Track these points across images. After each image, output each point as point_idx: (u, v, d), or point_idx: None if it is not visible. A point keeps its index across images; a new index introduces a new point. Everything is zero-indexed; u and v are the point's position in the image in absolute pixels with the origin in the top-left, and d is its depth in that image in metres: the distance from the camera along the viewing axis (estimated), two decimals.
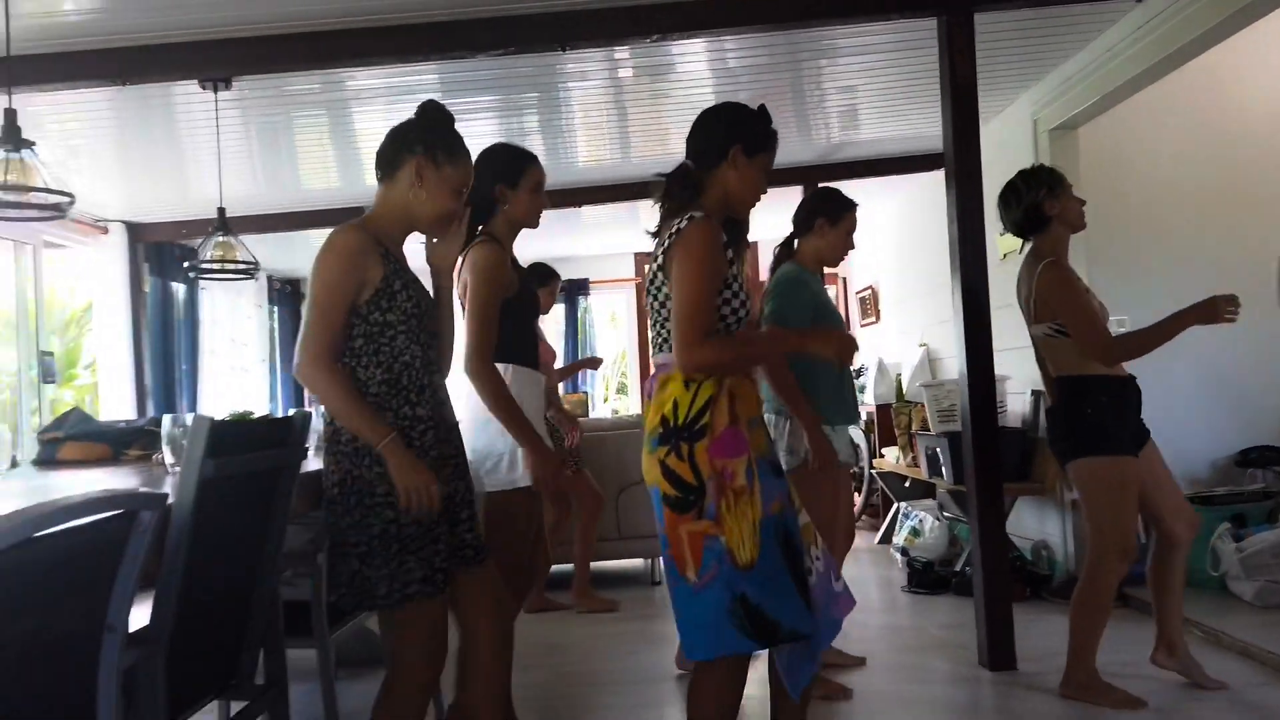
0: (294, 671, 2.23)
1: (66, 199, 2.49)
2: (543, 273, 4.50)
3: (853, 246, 3.22)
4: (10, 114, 2.47)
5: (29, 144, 2.45)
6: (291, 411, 2.72)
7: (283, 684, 2.13)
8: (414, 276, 2.01)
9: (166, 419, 2.52)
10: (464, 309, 2.59)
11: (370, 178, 2.04)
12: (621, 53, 3.80)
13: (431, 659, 1.97)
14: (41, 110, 3.94)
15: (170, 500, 1.64)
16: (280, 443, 2.01)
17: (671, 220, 2.02)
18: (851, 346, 2.07)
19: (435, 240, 2.15)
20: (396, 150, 1.98)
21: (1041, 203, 2.91)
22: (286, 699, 2.14)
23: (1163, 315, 2.87)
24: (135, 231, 6.04)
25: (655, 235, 2.11)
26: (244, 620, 2.01)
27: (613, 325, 10.48)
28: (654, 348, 2.07)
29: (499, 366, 2.55)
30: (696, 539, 1.90)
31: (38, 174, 2.45)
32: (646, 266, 2.10)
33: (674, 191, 2.08)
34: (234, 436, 1.80)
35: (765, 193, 2.13)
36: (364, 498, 1.89)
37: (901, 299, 6.96)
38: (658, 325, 2.04)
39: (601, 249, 8.44)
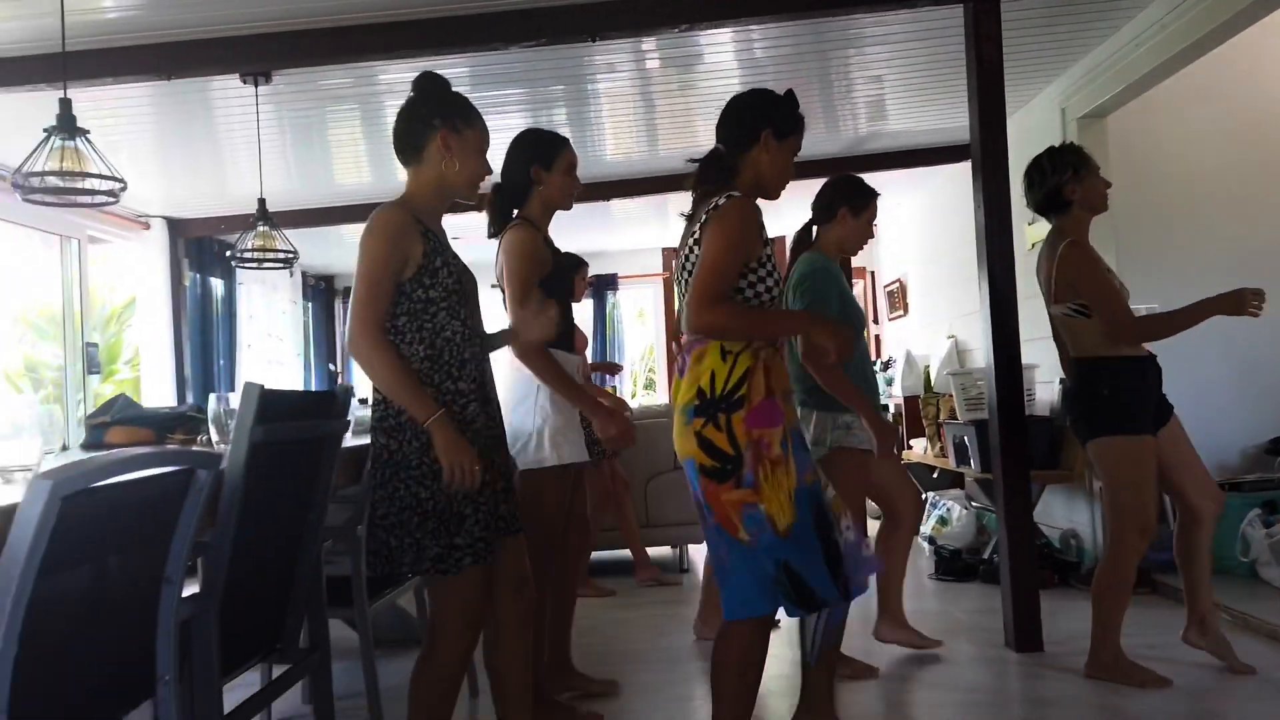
0: (333, 650, 2.31)
1: (119, 184, 2.60)
2: (571, 261, 4.56)
3: (873, 235, 3.24)
4: (65, 103, 2.58)
5: (84, 132, 2.56)
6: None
7: (325, 649, 2.22)
8: (454, 253, 2.07)
9: (212, 398, 2.61)
10: (503, 292, 2.66)
11: (403, 173, 2.10)
12: (649, 44, 3.86)
13: (467, 627, 2.03)
14: (84, 106, 4.02)
15: (223, 464, 1.73)
16: (324, 414, 2.09)
17: (709, 200, 2.07)
18: (850, 347, 2.07)
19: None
20: (416, 131, 2.03)
21: (1064, 186, 2.93)
22: (329, 663, 2.22)
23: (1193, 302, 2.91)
24: (176, 227, 6.20)
25: (690, 218, 2.16)
26: (289, 584, 2.10)
27: (640, 321, 10.54)
28: (685, 324, 2.09)
29: None
30: (736, 507, 1.95)
31: (91, 161, 2.56)
32: (681, 245, 2.15)
33: (707, 176, 2.14)
34: (282, 404, 1.89)
35: (793, 177, 2.18)
36: (397, 470, 1.95)
37: (929, 291, 6.97)
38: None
39: (630, 244, 8.50)
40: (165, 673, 1.53)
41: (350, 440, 2.52)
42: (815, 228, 3.20)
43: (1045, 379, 4.68)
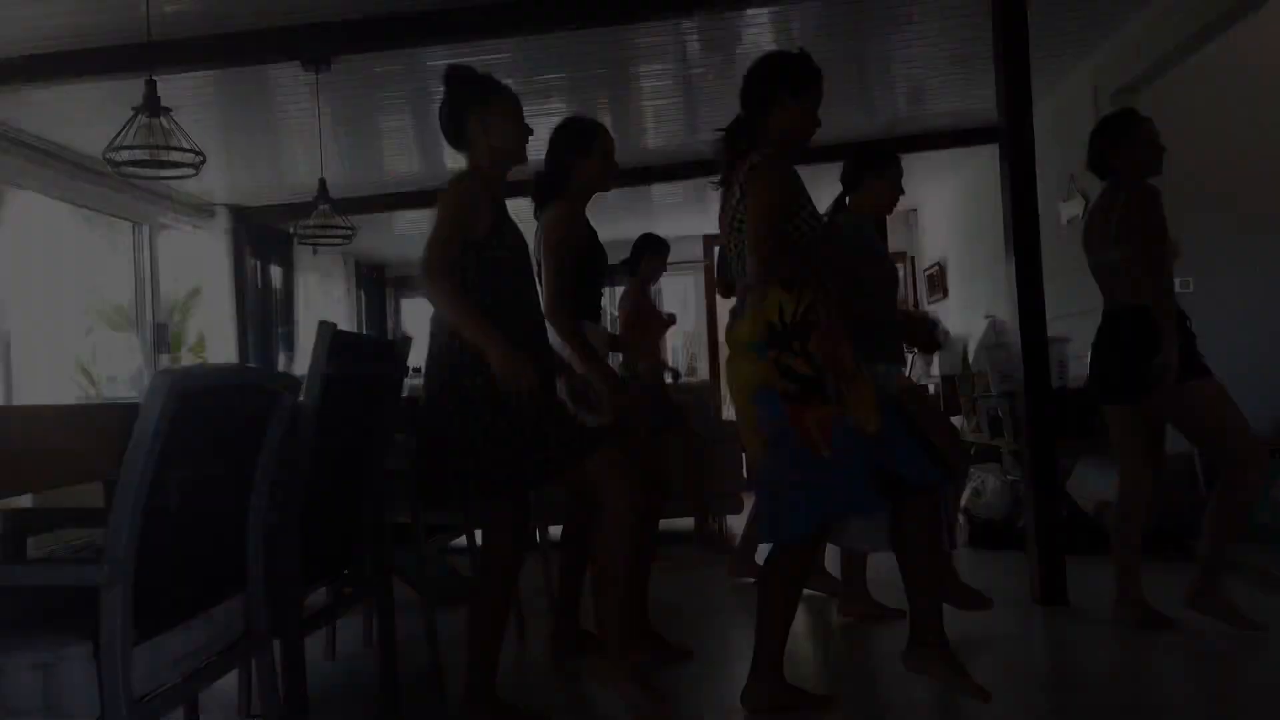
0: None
1: (199, 157, 2.84)
2: (654, 242, 4.69)
3: (902, 192, 3.35)
4: (151, 84, 2.83)
5: (167, 111, 2.81)
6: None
7: (388, 578, 2.42)
8: (514, 222, 2.32)
9: (282, 357, 2.84)
10: (537, 265, 2.86)
11: (451, 160, 2.33)
12: (688, 26, 4.02)
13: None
14: None
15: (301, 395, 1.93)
16: (386, 359, 2.30)
17: (743, 162, 2.28)
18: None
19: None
20: (457, 123, 2.29)
21: (1106, 153, 3.06)
22: (391, 589, 2.42)
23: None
24: (238, 214, 6.51)
25: (727, 182, 2.36)
26: (355, 514, 2.31)
27: (681, 309, 10.66)
28: (737, 273, 2.33)
29: None
30: (826, 420, 2.13)
31: (174, 137, 2.80)
32: (725, 206, 2.36)
33: (734, 141, 2.33)
34: (350, 345, 2.10)
35: (819, 125, 2.38)
36: (460, 404, 2.17)
37: (968, 274, 7.03)
38: (740, 250, 2.29)
39: (670, 232, 8.58)
40: (254, 569, 1.74)
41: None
42: (848, 198, 3.34)
43: (1079, 352, 4.75)
